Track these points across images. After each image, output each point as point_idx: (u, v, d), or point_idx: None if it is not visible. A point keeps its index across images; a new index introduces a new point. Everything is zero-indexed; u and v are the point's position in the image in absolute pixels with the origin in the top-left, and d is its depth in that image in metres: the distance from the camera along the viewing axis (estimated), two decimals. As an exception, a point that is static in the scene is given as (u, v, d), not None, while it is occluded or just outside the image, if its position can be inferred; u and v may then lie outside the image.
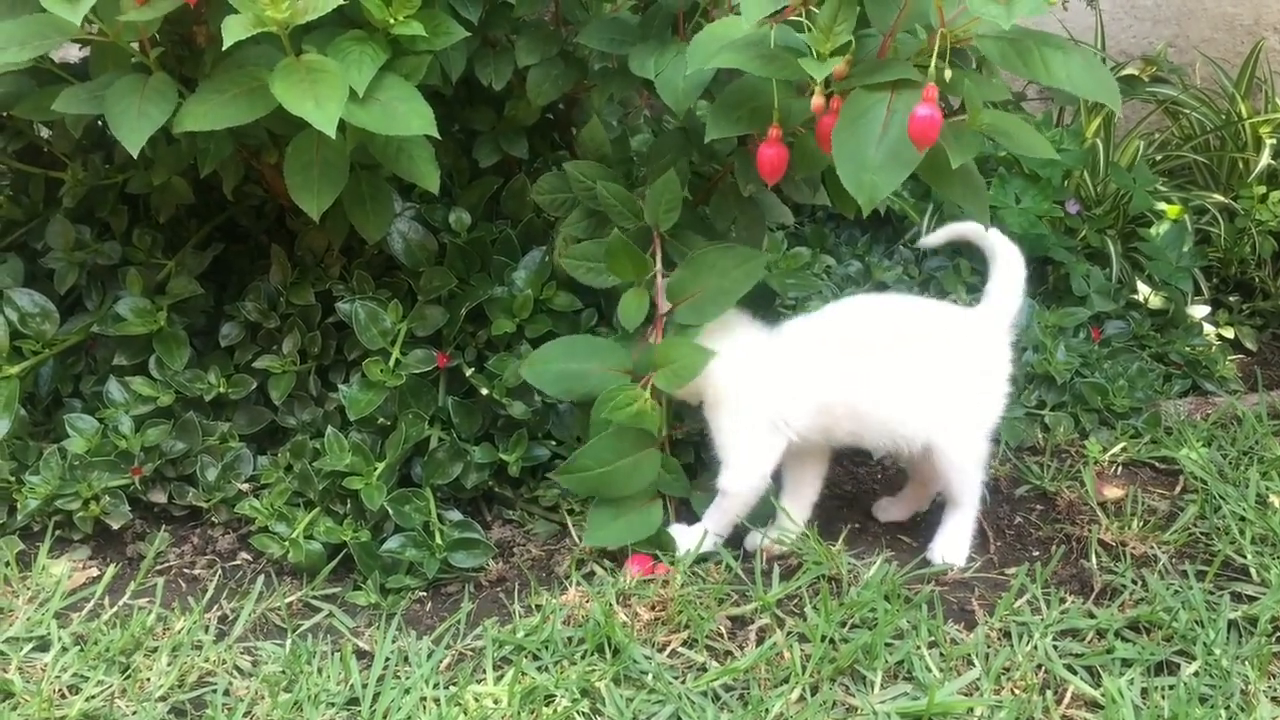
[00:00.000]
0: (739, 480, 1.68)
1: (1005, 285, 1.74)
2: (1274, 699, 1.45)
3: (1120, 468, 1.98)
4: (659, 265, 1.72)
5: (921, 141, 1.33)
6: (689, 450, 1.83)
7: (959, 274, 2.35)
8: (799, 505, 1.74)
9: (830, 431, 1.69)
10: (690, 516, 1.74)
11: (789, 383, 1.66)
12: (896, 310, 1.74)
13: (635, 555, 1.67)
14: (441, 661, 1.51)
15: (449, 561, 1.68)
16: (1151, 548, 1.73)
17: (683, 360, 1.64)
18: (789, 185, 1.80)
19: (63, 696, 1.45)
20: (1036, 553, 1.76)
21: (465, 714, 1.41)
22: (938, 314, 1.73)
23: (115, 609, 1.62)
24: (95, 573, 1.70)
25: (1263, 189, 2.56)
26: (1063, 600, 1.62)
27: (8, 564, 1.68)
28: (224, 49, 1.38)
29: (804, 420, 1.67)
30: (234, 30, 1.38)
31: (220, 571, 1.71)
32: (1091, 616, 1.58)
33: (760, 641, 1.54)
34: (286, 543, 1.67)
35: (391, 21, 1.52)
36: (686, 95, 1.62)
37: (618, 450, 1.66)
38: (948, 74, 1.34)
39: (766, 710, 1.41)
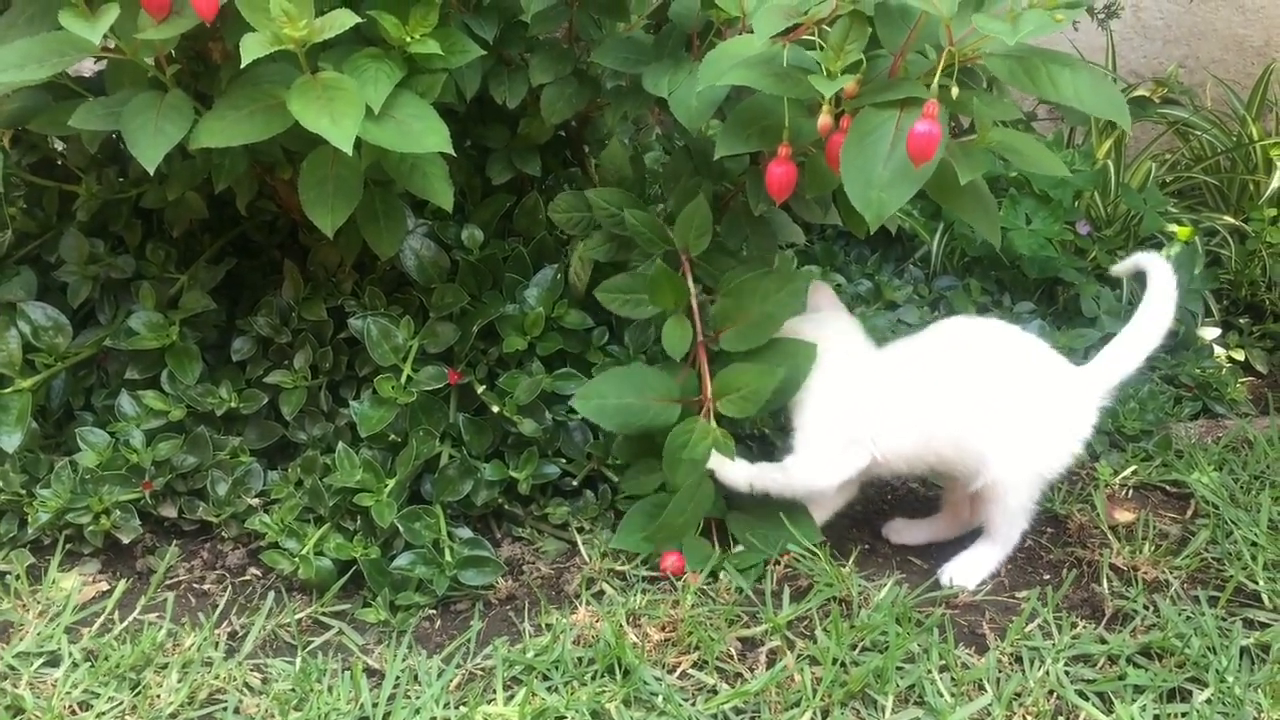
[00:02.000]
0: (804, 474, 1.69)
1: (1131, 344, 1.75)
2: (1287, 727, 1.45)
3: (1131, 491, 1.97)
4: (692, 289, 1.72)
5: (919, 157, 1.33)
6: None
7: (969, 294, 2.35)
8: (821, 510, 1.75)
9: (919, 460, 1.70)
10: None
11: (889, 403, 1.66)
12: (1000, 339, 1.71)
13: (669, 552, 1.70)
14: (451, 681, 1.51)
15: (459, 579, 1.67)
16: (1163, 572, 1.72)
17: (750, 385, 1.65)
18: (800, 204, 1.80)
19: (73, 713, 1.45)
20: (1047, 576, 1.75)
21: (475, 734, 1.41)
22: (1040, 354, 1.71)
23: (125, 624, 1.62)
24: (105, 587, 1.70)
25: (1273, 211, 2.55)
26: (1074, 625, 1.61)
27: (18, 577, 1.68)
28: (241, 66, 1.39)
29: (894, 442, 1.67)
30: (252, 48, 1.39)
31: (230, 587, 1.71)
32: (1103, 642, 1.58)
33: (771, 664, 1.53)
34: (296, 559, 1.67)
35: (408, 40, 1.53)
36: (699, 114, 1.63)
37: (692, 496, 1.68)
38: (954, 91, 1.34)
39: (777, 733, 1.41)
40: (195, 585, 1.71)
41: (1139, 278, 1.81)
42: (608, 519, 1.83)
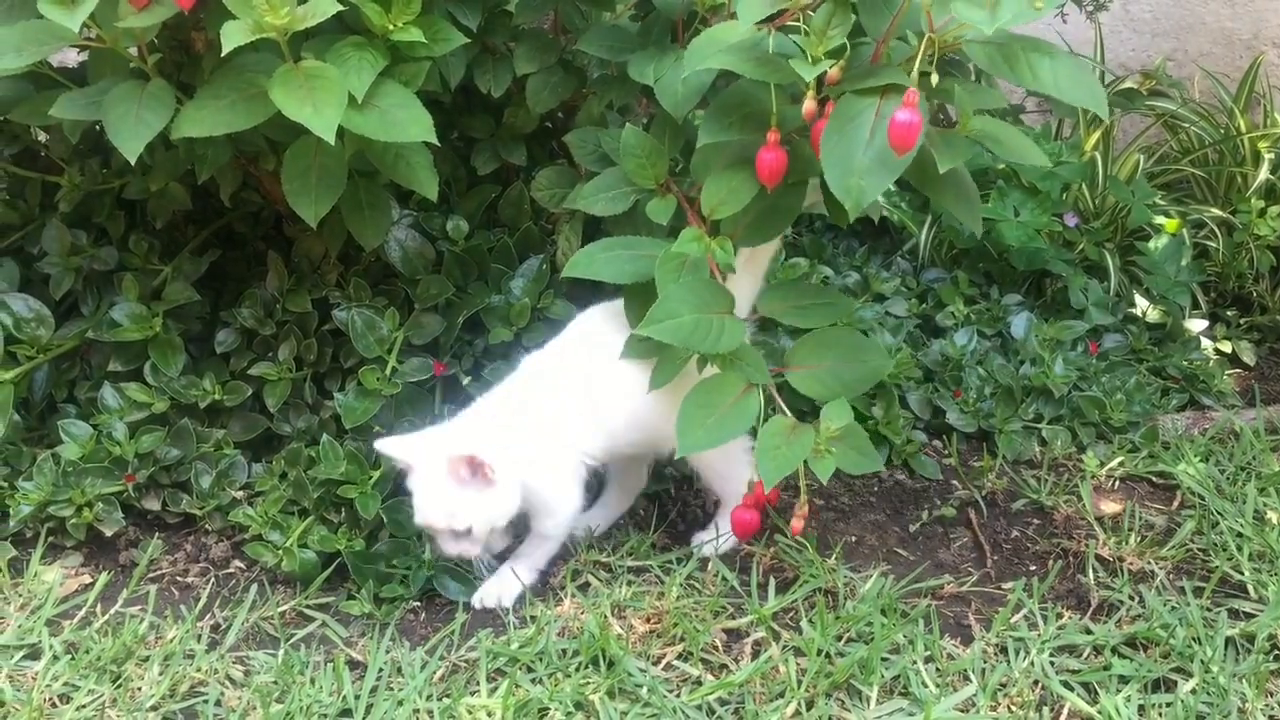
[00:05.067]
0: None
1: None
2: (1271, 717, 1.45)
3: (1117, 482, 1.97)
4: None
5: (901, 147, 1.32)
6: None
7: (957, 286, 2.35)
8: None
9: (623, 448, 1.70)
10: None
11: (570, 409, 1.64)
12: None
13: (739, 510, 1.63)
14: (435, 673, 1.50)
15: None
16: (1149, 563, 1.72)
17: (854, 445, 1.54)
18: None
19: (53, 706, 1.44)
20: (1033, 567, 1.75)
21: (458, 726, 1.40)
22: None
23: (107, 617, 1.61)
24: (88, 580, 1.69)
25: (1261, 203, 2.55)
26: (1059, 616, 1.61)
27: (0, 570, 1.67)
28: (223, 55, 1.38)
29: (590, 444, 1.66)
30: (233, 36, 1.38)
31: (213, 580, 1.70)
32: (1088, 632, 1.57)
33: (755, 655, 1.53)
34: (280, 551, 1.66)
35: (391, 28, 1.52)
36: (685, 101, 1.62)
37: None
38: (934, 79, 1.34)
39: (762, 725, 1.40)
40: (178, 578, 1.70)
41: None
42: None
